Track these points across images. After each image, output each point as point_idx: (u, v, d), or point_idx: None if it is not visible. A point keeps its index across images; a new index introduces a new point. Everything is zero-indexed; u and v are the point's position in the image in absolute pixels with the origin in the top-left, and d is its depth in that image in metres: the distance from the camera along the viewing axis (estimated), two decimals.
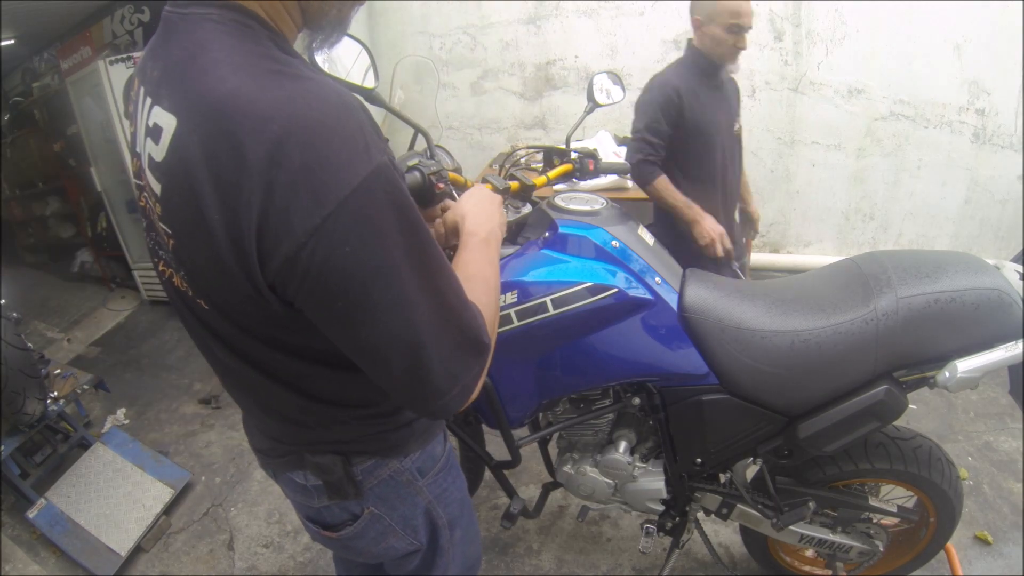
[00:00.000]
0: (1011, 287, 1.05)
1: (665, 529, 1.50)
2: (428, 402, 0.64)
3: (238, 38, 0.56)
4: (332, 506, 0.86)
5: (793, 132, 3.09)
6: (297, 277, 0.55)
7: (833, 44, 2.86)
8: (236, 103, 0.52)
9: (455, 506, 0.97)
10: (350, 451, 0.81)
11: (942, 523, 1.40)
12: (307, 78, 0.55)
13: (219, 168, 0.52)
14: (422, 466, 0.88)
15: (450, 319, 0.62)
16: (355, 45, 1.01)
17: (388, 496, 0.86)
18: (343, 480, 0.81)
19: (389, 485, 0.86)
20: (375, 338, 0.59)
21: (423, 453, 0.88)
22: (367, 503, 0.85)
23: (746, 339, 1.15)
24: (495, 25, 3.31)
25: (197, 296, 0.66)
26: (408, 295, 0.58)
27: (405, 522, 0.90)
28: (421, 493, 0.89)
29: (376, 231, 0.55)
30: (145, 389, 3.06)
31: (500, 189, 1.21)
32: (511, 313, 1.14)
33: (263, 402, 0.80)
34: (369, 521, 0.87)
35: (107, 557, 1.96)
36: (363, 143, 0.55)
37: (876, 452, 1.29)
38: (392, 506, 0.87)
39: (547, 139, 3.47)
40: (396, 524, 0.89)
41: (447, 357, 0.62)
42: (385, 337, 0.59)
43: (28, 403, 2.05)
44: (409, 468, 0.86)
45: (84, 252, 4.76)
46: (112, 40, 3.93)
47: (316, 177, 0.52)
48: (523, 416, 1.33)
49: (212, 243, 0.55)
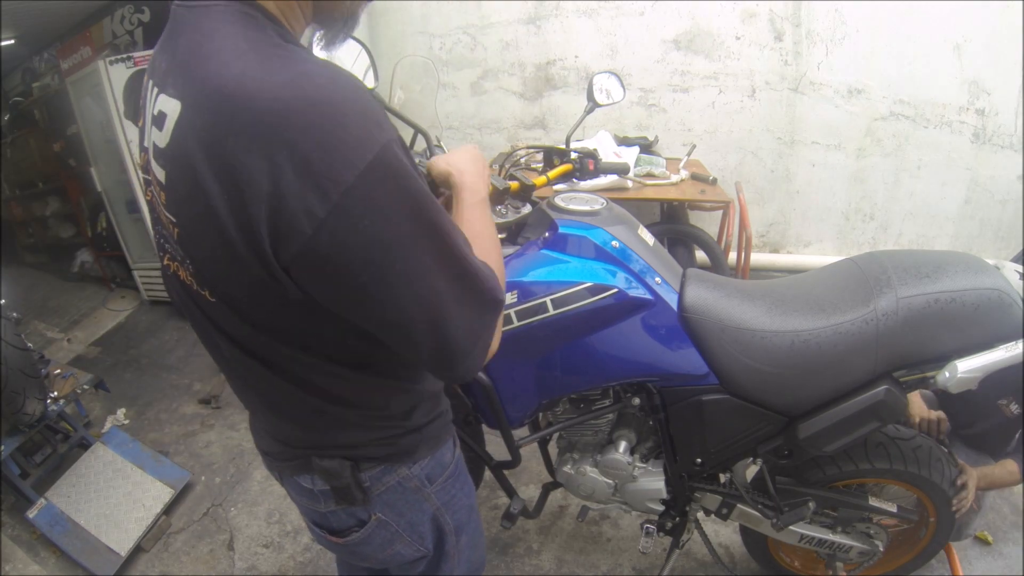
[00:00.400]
0: (1011, 287, 1.05)
1: (665, 529, 1.50)
2: (456, 363, 0.65)
3: (243, 26, 0.57)
4: (339, 511, 0.85)
5: (793, 132, 3.10)
6: (319, 258, 0.55)
7: (833, 44, 2.86)
8: (243, 86, 0.52)
9: (463, 513, 0.96)
10: (359, 456, 0.80)
11: (942, 523, 1.40)
12: (313, 62, 0.56)
13: (224, 151, 0.52)
14: (431, 473, 0.87)
15: (467, 280, 0.63)
16: (355, 45, 1.01)
17: (396, 503, 0.86)
18: (351, 485, 0.80)
19: (397, 492, 0.85)
20: (399, 309, 0.60)
21: (432, 459, 0.87)
22: (374, 509, 0.85)
23: (746, 339, 1.15)
24: (495, 25, 3.31)
25: (203, 287, 0.65)
26: (427, 263, 0.59)
27: (412, 528, 0.89)
28: (429, 500, 0.89)
29: (392, 203, 0.56)
30: (145, 389, 3.06)
31: (500, 189, 1.21)
32: (511, 313, 1.14)
33: (270, 401, 0.79)
34: (376, 527, 0.86)
35: (107, 557, 1.96)
36: (374, 120, 0.55)
37: (876, 452, 1.29)
38: (400, 512, 0.86)
39: (547, 139, 3.47)
40: (403, 530, 0.88)
41: (468, 317, 0.64)
42: (409, 307, 0.60)
43: (28, 403, 2.04)
44: (418, 475, 0.85)
45: (84, 252, 4.76)
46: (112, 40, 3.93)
47: (330, 155, 0.52)
48: (523, 416, 1.33)
49: (219, 228, 0.55)
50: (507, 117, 3.54)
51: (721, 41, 3.02)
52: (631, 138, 3.21)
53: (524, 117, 3.51)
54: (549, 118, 3.47)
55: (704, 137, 3.22)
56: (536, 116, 3.49)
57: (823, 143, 3.07)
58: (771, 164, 3.20)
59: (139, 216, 3.73)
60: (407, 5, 3.41)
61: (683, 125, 3.26)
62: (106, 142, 3.67)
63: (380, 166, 0.54)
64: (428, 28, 3.44)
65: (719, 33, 3.00)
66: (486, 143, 3.60)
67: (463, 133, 3.63)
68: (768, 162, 3.20)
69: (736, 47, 3.01)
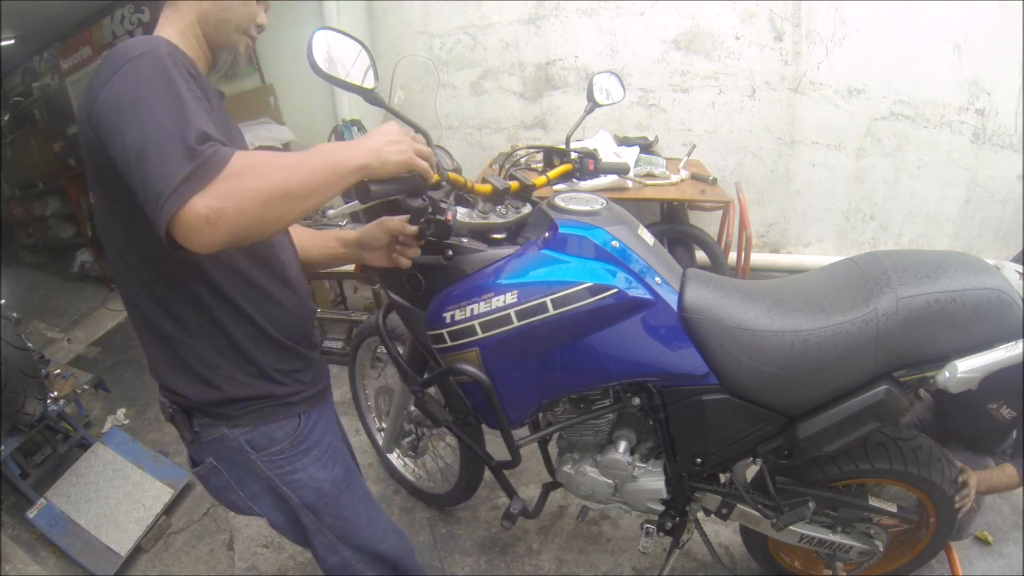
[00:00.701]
0: (1011, 287, 1.05)
1: (665, 529, 1.50)
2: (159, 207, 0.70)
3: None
4: (189, 448, 1.07)
5: (793, 132, 3.10)
6: (95, 118, 0.78)
7: (833, 44, 2.86)
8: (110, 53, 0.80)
9: (310, 493, 1.10)
10: (183, 403, 1.01)
11: (942, 523, 1.40)
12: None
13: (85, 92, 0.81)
14: (253, 441, 1.03)
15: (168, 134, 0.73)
16: (355, 45, 1.01)
17: (224, 455, 1.04)
18: (180, 425, 1.02)
19: (221, 445, 1.03)
20: (125, 148, 0.73)
21: (255, 430, 1.03)
22: (207, 454, 1.04)
23: (746, 339, 1.15)
24: (495, 25, 3.31)
25: (102, 231, 0.91)
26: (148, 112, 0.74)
27: (242, 485, 1.07)
28: (255, 466, 1.05)
29: (135, 79, 0.76)
30: (145, 389, 3.06)
31: (500, 189, 1.21)
32: (511, 313, 1.14)
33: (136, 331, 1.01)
34: (211, 470, 1.06)
35: (107, 557, 1.96)
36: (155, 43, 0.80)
37: (876, 452, 1.29)
38: (228, 466, 1.05)
39: (547, 139, 3.47)
40: (234, 483, 1.07)
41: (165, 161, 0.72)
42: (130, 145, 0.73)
43: (28, 403, 2.04)
44: (237, 438, 1.02)
45: (84, 252, 4.77)
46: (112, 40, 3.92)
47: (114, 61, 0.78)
48: (523, 416, 1.33)
49: (89, 149, 0.83)
50: (507, 117, 3.54)
51: (721, 41, 3.01)
52: (631, 138, 3.20)
53: (524, 117, 3.51)
54: (549, 118, 3.46)
55: (704, 137, 3.22)
56: (536, 116, 3.49)
57: (823, 143, 3.07)
58: (771, 164, 3.20)
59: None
60: (407, 5, 3.41)
61: (683, 125, 3.26)
62: None
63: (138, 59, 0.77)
64: (428, 28, 3.44)
65: (719, 33, 3.00)
66: (486, 143, 3.60)
67: (463, 133, 3.63)
68: (768, 162, 3.20)
69: (736, 47, 3.01)
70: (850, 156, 3.05)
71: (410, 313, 1.33)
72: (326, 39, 0.96)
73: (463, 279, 1.19)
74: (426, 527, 2.02)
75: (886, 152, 2.99)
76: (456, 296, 1.18)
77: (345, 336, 3.10)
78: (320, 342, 3.07)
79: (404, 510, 2.09)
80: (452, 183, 1.15)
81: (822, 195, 3.19)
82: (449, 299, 1.19)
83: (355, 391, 2.16)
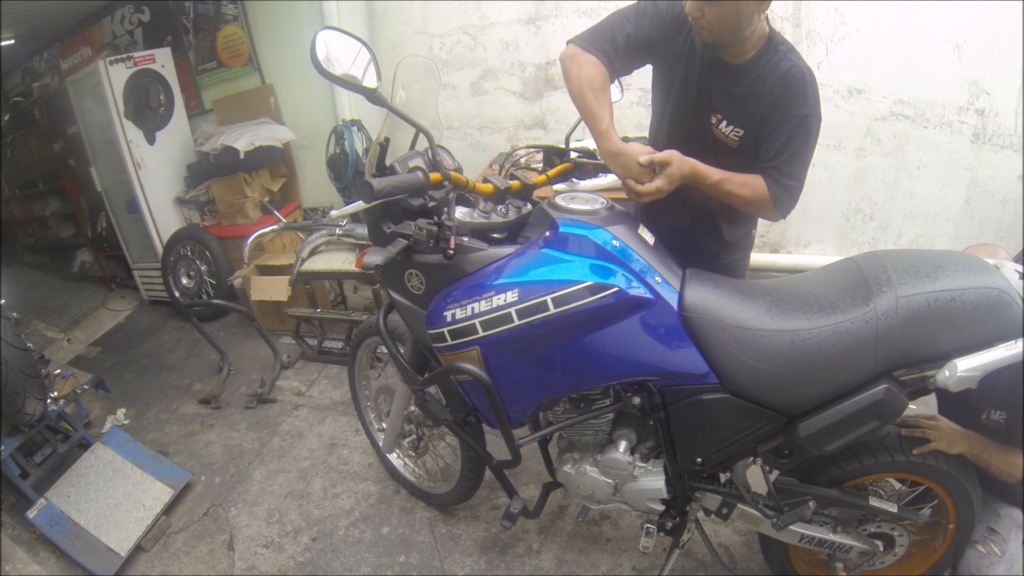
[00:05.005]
0: (1011, 287, 1.05)
1: (665, 529, 1.50)
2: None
3: None
4: None
5: None
6: None
7: (833, 44, 2.86)
8: None
9: None
10: None
11: (961, 530, 1.36)
12: None
13: None
14: None
15: None
16: (357, 45, 1.01)
17: None
18: None
19: None
20: None
21: None
22: None
23: (746, 338, 1.15)
24: (495, 25, 3.31)
25: None
26: None
27: None
28: None
29: None
30: (145, 389, 3.06)
31: (502, 189, 1.22)
32: (512, 312, 1.14)
33: None
34: None
35: (107, 557, 1.96)
36: None
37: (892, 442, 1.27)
38: None
39: (547, 139, 3.46)
40: None
41: None
42: None
43: (28, 403, 2.05)
44: None
45: (84, 252, 4.77)
46: (112, 40, 3.93)
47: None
48: (523, 416, 1.33)
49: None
50: (507, 117, 3.54)
51: None
52: (631, 138, 3.18)
53: (524, 117, 3.51)
54: (549, 118, 3.46)
55: None
56: (536, 116, 3.49)
57: (823, 143, 3.02)
58: None
59: (139, 216, 3.73)
60: (407, 5, 3.41)
61: None
62: (106, 142, 3.67)
63: None
64: (428, 28, 3.44)
65: None
66: (486, 143, 3.60)
67: (463, 133, 3.63)
68: None
69: None
70: (850, 156, 3.04)
71: (411, 312, 1.34)
72: (329, 38, 0.97)
73: (464, 278, 1.20)
74: (426, 527, 2.02)
75: (886, 152, 2.98)
76: (457, 295, 1.19)
77: (345, 336, 3.10)
78: (320, 342, 3.07)
79: (404, 510, 2.09)
80: (454, 182, 1.15)
81: (822, 195, 3.18)
82: (450, 298, 1.19)
83: (355, 391, 2.16)
